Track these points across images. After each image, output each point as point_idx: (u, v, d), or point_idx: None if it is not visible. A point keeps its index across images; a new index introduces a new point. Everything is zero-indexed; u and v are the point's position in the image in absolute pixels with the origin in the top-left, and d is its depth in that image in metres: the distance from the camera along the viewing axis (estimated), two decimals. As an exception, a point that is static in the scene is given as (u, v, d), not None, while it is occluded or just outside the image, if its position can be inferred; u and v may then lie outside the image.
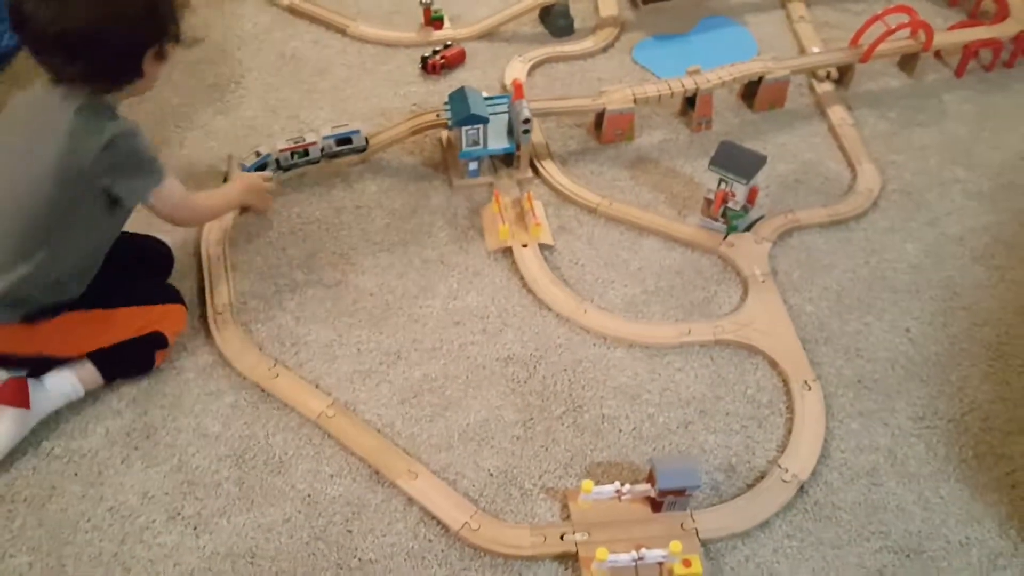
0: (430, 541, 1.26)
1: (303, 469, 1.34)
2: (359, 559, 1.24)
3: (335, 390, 1.43)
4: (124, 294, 1.40)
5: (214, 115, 1.94)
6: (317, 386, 1.43)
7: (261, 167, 1.69)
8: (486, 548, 1.24)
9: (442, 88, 1.94)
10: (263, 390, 1.42)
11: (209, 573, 1.22)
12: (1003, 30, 2.04)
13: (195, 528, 1.27)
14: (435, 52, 2.03)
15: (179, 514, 1.27)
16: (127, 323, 1.38)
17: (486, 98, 1.76)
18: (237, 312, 1.52)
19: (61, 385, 1.35)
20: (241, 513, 1.28)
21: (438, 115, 1.81)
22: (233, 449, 1.35)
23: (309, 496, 1.30)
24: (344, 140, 1.74)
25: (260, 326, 1.52)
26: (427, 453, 1.36)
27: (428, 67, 2.02)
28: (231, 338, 1.48)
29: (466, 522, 1.26)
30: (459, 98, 1.71)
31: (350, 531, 1.27)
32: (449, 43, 2.07)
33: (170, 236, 1.58)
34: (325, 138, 1.73)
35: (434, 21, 2.13)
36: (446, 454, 1.36)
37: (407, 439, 1.37)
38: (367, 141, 1.76)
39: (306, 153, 1.72)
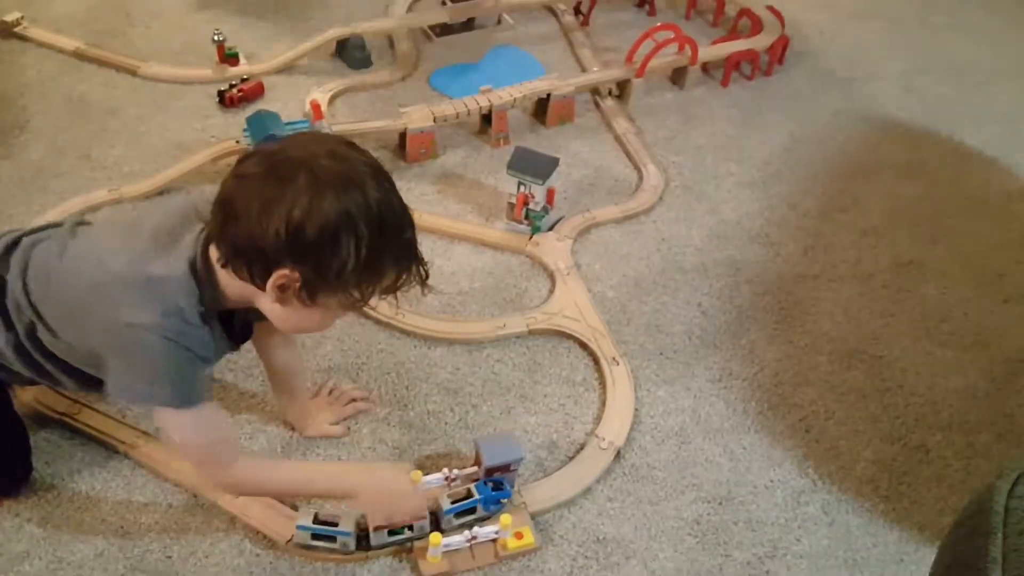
0: (257, 555, 1.22)
1: (113, 502, 1.26)
2: (182, 582, 1.18)
3: (145, 423, 1.37)
4: None
5: (-6, 161, 1.83)
6: (123, 418, 1.36)
7: None
8: (316, 555, 1.22)
9: (241, 120, 1.92)
10: (67, 427, 1.34)
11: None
12: (758, 42, 2.28)
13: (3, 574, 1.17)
14: (232, 86, 2.02)
15: (-26, 566, 1.17)
16: None
17: (286, 123, 1.77)
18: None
19: None
20: (47, 554, 1.19)
21: (237, 141, 1.80)
22: (33, 491, 1.26)
23: (122, 528, 1.23)
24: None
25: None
26: (249, 470, 1.32)
27: (226, 100, 2.00)
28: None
29: (294, 534, 1.23)
30: (257, 120, 1.71)
31: (169, 557, 1.21)
32: (246, 77, 2.06)
33: None
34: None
35: (229, 58, 2.11)
36: (269, 468, 1.33)
37: (227, 458, 1.33)
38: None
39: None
